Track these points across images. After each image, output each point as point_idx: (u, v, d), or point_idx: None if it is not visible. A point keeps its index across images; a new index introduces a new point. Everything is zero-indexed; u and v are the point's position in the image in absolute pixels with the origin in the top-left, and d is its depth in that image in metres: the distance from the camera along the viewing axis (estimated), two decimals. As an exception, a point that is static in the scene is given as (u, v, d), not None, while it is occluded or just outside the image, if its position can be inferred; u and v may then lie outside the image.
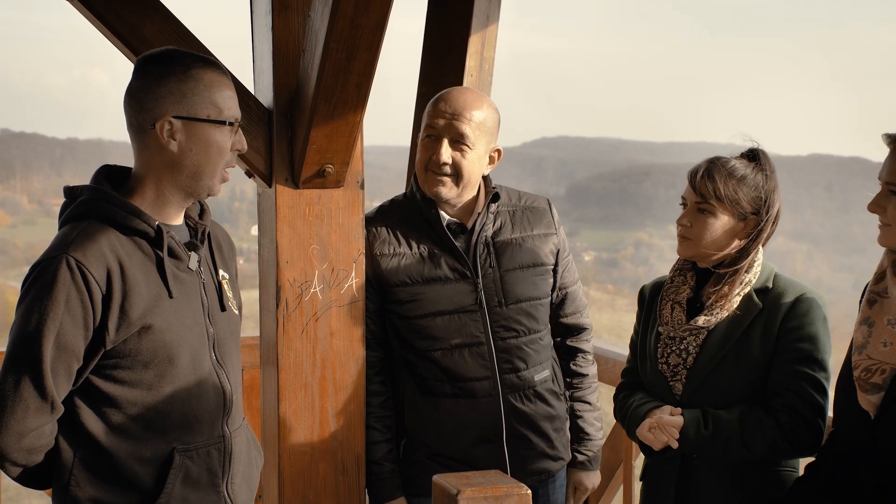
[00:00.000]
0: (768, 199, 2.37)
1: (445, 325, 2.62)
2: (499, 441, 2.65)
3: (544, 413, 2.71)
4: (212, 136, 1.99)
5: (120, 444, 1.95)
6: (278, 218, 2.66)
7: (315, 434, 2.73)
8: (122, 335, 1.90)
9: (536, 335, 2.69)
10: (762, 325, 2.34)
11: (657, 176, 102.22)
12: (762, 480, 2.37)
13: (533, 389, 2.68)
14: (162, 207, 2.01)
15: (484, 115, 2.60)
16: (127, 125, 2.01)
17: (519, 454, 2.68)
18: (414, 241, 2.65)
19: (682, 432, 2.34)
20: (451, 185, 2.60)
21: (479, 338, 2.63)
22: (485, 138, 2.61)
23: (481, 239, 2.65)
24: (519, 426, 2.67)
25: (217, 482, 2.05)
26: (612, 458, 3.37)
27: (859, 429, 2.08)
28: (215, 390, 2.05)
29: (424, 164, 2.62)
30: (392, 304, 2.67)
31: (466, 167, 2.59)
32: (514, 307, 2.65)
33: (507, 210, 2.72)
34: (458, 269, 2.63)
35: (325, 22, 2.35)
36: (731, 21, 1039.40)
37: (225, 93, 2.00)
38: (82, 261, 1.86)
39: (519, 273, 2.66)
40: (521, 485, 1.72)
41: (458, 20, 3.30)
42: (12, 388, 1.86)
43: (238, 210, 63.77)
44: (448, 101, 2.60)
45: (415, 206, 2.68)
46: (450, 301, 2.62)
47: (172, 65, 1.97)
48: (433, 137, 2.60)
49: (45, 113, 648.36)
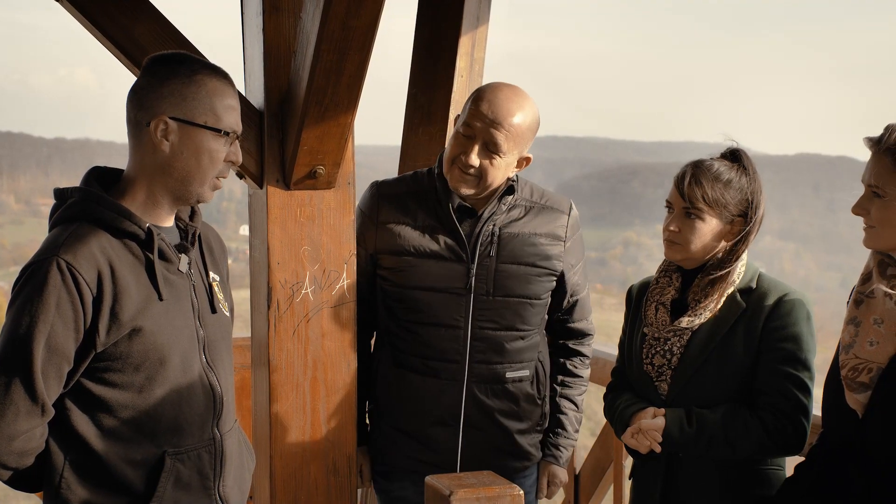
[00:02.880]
0: (754, 200, 2.39)
1: (430, 301, 2.63)
2: (455, 427, 2.67)
3: (509, 410, 2.70)
4: (205, 142, 1.98)
5: (111, 447, 1.94)
6: (269, 219, 2.66)
7: (307, 435, 2.73)
8: (112, 337, 1.90)
9: (519, 333, 2.68)
10: (745, 325, 2.36)
11: (645, 175, 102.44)
12: (747, 479, 2.39)
13: (501, 385, 2.68)
14: (152, 209, 2.01)
15: (524, 125, 2.56)
16: (126, 121, 2.01)
17: (473, 444, 2.69)
18: (419, 215, 2.66)
19: (665, 432, 2.35)
20: (472, 186, 2.59)
21: (459, 322, 2.64)
22: (519, 147, 2.59)
23: (488, 227, 2.64)
24: (479, 417, 2.68)
25: (209, 485, 2.05)
26: (603, 457, 3.38)
27: (848, 428, 2.09)
28: (205, 393, 2.05)
29: (452, 159, 2.60)
30: (384, 271, 2.69)
31: (492, 173, 2.58)
32: (502, 300, 2.65)
33: (523, 204, 2.70)
34: (455, 250, 2.64)
35: (317, 23, 2.35)
36: (720, 21, 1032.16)
37: (227, 102, 2.00)
38: (73, 263, 1.86)
39: (515, 268, 2.65)
40: (514, 486, 1.74)
41: (449, 21, 3.31)
42: (2, 391, 1.85)
43: (226, 210, 63.59)
44: (491, 103, 2.54)
45: (432, 183, 2.69)
46: (438, 279, 2.63)
47: (179, 67, 1.97)
48: (468, 137, 2.57)
49: (32, 112, 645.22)
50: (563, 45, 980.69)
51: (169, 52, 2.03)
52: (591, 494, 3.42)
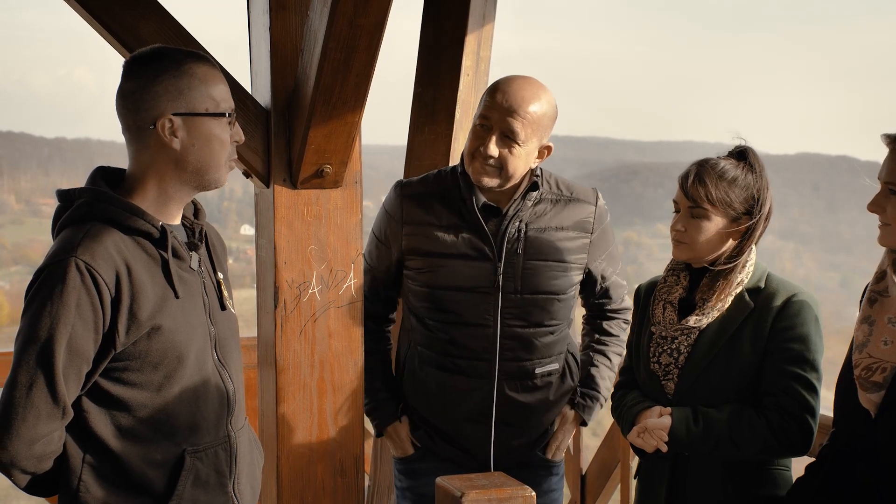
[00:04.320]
0: (760, 197, 2.38)
1: (457, 301, 2.62)
2: (487, 424, 2.67)
3: (540, 405, 2.70)
4: (212, 129, 1.98)
5: (130, 447, 1.93)
6: (276, 218, 2.65)
7: (313, 435, 2.72)
8: (131, 337, 1.89)
9: (548, 328, 2.68)
10: (753, 324, 2.35)
11: (646, 175, 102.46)
12: (753, 479, 2.38)
13: (531, 381, 2.68)
14: (163, 207, 2.00)
15: (540, 112, 2.56)
16: (123, 128, 1.99)
17: (505, 440, 2.69)
18: (444, 215, 2.65)
19: (671, 431, 2.34)
20: (494, 176, 2.58)
21: (488, 320, 2.63)
22: (537, 135, 2.58)
23: (514, 224, 2.63)
24: (510, 413, 2.68)
25: (225, 482, 2.05)
26: (610, 457, 3.37)
27: (860, 428, 2.08)
28: (218, 390, 2.04)
29: (472, 152, 2.59)
30: (410, 272, 2.68)
31: (512, 163, 2.56)
32: (530, 297, 2.64)
33: (549, 198, 2.68)
34: (482, 249, 2.63)
35: (324, 22, 2.34)
36: (721, 20, 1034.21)
37: (219, 86, 2.00)
38: (91, 263, 1.84)
39: (542, 265, 2.64)
40: (525, 486, 1.72)
41: (455, 20, 3.30)
42: (24, 394, 1.83)
43: (227, 209, 63.56)
44: (506, 93, 2.55)
45: (454, 181, 2.68)
46: (466, 278, 2.62)
47: (164, 62, 1.95)
48: (485, 128, 2.57)
49: (32, 112, 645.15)
50: (565, 44, 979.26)
51: (146, 50, 2.00)
52: (598, 495, 3.41)
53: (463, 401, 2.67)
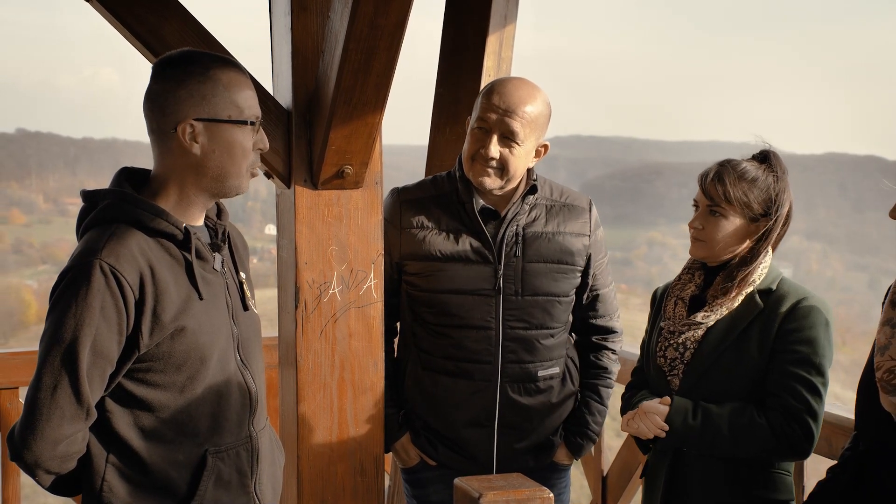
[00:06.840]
0: (778, 200, 2.38)
1: (459, 305, 2.64)
2: (490, 427, 2.67)
3: (543, 409, 2.71)
4: (234, 136, 1.97)
5: (153, 448, 1.94)
6: (297, 219, 2.66)
7: (334, 435, 2.73)
8: (155, 339, 1.89)
9: (548, 331, 2.69)
10: (761, 325, 2.35)
11: (669, 175, 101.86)
12: (753, 480, 2.37)
13: (534, 384, 2.69)
14: (186, 209, 2.00)
15: (536, 111, 2.60)
16: (147, 130, 1.99)
17: (508, 444, 2.70)
18: (443, 219, 2.67)
19: (668, 421, 2.35)
20: (495, 177, 2.61)
21: (489, 323, 2.64)
22: (535, 134, 2.62)
23: (512, 227, 2.65)
24: (513, 416, 2.69)
25: (246, 482, 2.05)
26: (631, 459, 3.35)
27: (881, 431, 2.06)
28: (241, 390, 2.05)
29: (472, 154, 2.62)
30: (410, 277, 2.70)
31: (513, 162, 2.60)
32: (531, 299, 2.66)
33: (544, 204, 2.71)
34: (482, 252, 2.65)
35: (345, 23, 2.35)
36: (745, 19, 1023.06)
37: (245, 92, 1.99)
38: (115, 265, 1.85)
39: (542, 266, 2.67)
40: (543, 488, 1.72)
41: (476, 20, 3.30)
42: (49, 396, 1.84)
43: (251, 209, 63.83)
44: (502, 95, 2.59)
45: (453, 185, 2.70)
46: (467, 282, 2.64)
47: (191, 66, 1.95)
48: (483, 130, 2.60)
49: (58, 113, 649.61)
50: (587, 45, 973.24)
51: (176, 53, 2.00)
52: (619, 496, 3.39)
53: (466, 404, 2.68)
